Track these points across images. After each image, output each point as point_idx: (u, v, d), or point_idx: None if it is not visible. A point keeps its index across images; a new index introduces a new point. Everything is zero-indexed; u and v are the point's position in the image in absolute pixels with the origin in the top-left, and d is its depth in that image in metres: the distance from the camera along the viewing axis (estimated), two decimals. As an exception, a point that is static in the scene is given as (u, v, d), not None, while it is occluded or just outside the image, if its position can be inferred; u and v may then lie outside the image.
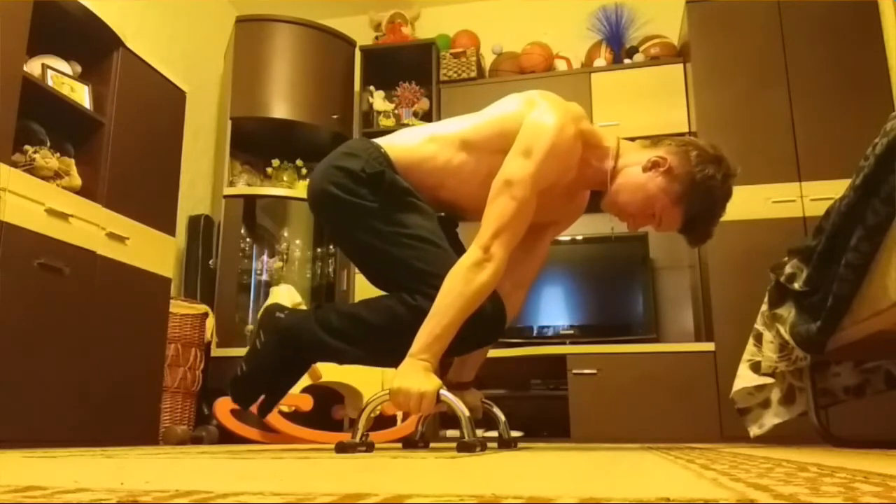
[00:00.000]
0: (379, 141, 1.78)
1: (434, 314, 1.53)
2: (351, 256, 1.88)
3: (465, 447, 1.45)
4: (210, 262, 3.81)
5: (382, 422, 3.06)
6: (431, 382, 1.52)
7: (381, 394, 1.59)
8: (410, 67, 4.19)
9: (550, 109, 1.66)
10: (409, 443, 2.02)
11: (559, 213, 1.89)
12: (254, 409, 1.89)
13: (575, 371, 3.32)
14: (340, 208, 1.70)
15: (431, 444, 2.09)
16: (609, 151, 1.74)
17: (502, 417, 1.97)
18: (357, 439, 1.58)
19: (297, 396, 2.97)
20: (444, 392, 1.53)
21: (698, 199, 1.67)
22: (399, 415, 3.13)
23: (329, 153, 1.80)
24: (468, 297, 1.54)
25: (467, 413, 1.54)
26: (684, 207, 1.68)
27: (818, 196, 3.16)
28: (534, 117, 1.65)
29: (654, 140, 1.78)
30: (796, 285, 1.99)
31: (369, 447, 1.60)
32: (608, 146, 1.75)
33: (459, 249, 1.76)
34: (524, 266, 1.91)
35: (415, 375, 1.52)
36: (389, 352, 1.60)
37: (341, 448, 1.53)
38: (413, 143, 1.77)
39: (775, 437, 2.20)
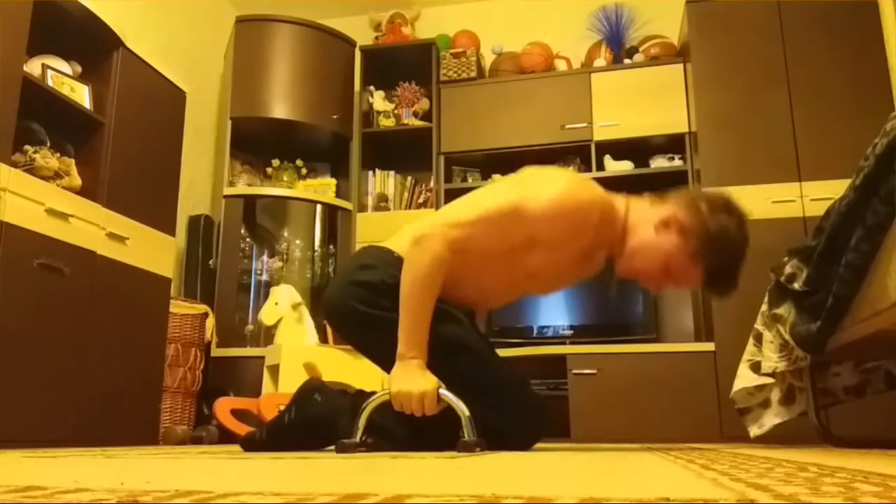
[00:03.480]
0: (391, 246, 1.74)
1: (401, 310, 1.56)
2: (377, 362, 1.80)
3: (465, 447, 1.45)
4: (210, 262, 3.81)
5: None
6: (429, 381, 1.53)
7: (381, 394, 1.59)
8: (410, 67, 4.19)
9: (559, 178, 1.69)
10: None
11: (575, 276, 1.84)
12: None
13: (575, 371, 3.32)
14: (365, 322, 1.68)
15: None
16: (618, 213, 1.69)
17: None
18: (357, 439, 1.58)
19: (297, 396, 2.96)
20: (444, 391, 1.53)
21: (717, 249, 1.60)
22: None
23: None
24: (422, 274, 1.56)
25: (467, 413, 1.54)
26: (703, 261, 1.62)
27: (818, 196, 3.15)
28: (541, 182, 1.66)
29: (660, 195, 1.73)
30: (796, 285, 1.99)
31: (369, 447, 1.59)
32: (618, 207, 1.70)
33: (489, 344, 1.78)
34: (504, 294, 1.89)
35: (411, 375, 1.53)
36: (433, 445, 1.56)
37: (341, 448, 1.53)
38: None
39: (775, 437, 2.19)
